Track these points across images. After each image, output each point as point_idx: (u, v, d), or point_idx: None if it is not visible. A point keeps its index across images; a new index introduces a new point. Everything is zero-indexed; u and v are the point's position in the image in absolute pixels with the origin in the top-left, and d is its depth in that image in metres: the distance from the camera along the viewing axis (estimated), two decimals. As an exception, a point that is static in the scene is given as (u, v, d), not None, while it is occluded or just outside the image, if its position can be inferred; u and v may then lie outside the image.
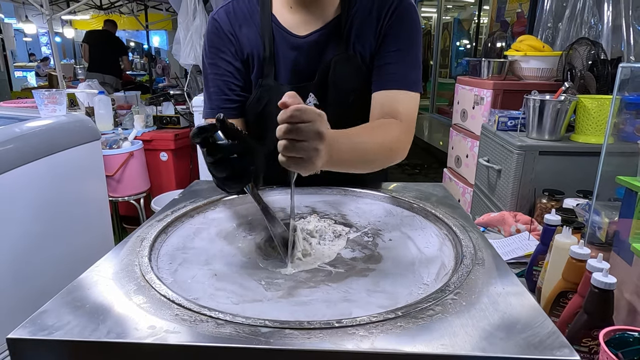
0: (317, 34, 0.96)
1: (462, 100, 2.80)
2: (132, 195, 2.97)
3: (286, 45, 0.97)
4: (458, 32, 7.21)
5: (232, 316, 0.53)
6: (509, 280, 0.63)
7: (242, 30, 0.98)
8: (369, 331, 0.51)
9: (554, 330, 0.50)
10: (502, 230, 1.40)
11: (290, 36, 0.97)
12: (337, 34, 0.96)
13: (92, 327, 0.51)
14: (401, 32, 0.95)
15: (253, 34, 0.98)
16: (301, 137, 0.63)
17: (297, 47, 0.97)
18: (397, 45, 0.95)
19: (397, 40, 0.95)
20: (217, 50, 0.99)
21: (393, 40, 0.95)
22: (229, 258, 0.73)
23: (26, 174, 1.43)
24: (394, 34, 0.95)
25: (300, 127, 0.63)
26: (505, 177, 1.85)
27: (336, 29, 0.97)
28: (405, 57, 0.95)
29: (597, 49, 1.98)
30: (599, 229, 0.97)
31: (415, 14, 0.97)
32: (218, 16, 1.00)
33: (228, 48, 0.98)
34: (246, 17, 0.99)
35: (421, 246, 0.77)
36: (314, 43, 0.97)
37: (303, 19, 0.97)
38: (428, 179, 4.98)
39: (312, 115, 0.64)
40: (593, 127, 1.73)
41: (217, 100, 1.00)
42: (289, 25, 0.97)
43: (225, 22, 0.99)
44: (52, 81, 6.07)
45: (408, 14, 0.96)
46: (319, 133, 0.64)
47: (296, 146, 0.64)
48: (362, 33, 0.97)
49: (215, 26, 0.99)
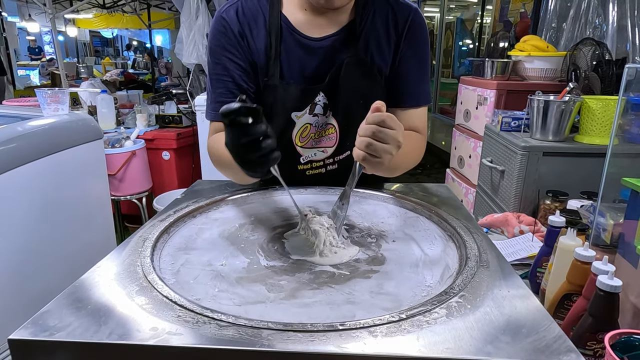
0: (332, 38, 0.96)
1: (465, 100, 2.79)
2: (134, 194, 2.97)
3: (296, 46, 0.96)
4: (461, 32, 7.19)
5: (234, 318, 0.53)
6: (514, 282, 0.62)
7: (251, 30, 0.97)
8: (373, 334, 0.50)
9: (560, 335, 0.50)
10: (505, 232, 1.39)
11: (302, 37, 0.96)
12: (351, 38, 0.96)
13: (94, 328, 0.51)
14: (418, 47, 1.00)
15: (261, 33, 0.96)
16: (386, 140, 0.72)
17: (309, 49, 0.96)
18: (414, 64, 1.00)
19: (414, 57, 1.00)
20: (224, 51, 0.96)
21: (410, 57, 0.99)
22: (232, 259, 0.73)
23: (28, 173, 1.43)
24: (411, 50, 0.99)
25: (388, 132, 0.71)
26: (509, 177, 1.84)
27: (350, 33, 0.96)
28: (420, 73, 1.01)
29: (602, 49, 1.97)
30: (603, 230, 0.96)
31: (425, 28, 1.01)
32: (227, 15, 0.97)
33: (237, 49, 0.96)
34: (255, 16, 0.97)
35: (425, 248, 0.77)
36: (328, 47, 0.96)
37: (317, 21, 0.96)
38: (430, 180, 4.97)
39: (397, 125, 0.73)
40: (597, 128, 1.72)
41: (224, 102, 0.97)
42: (300, 27, 0.96)
43: (235, 22, 0.96)
44: (55, 80, 6.08)
45: (422, 27, 1.00)
46: (399, 142, 0.73)
47: (378, 147, 0.72)
48: (376, 39, 0.97)
49: (224, 25, 0.96)
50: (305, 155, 1.05)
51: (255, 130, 0.65)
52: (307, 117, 1.00)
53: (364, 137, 0.72)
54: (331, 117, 1.01)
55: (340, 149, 1.04)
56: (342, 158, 1.06)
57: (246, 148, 0.67)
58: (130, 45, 14.15)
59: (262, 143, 0.66)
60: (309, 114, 1.00)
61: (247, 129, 0.65)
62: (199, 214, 0.90)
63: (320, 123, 1.01)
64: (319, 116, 1.01)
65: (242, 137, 0.66)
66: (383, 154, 0.72)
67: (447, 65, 7.31)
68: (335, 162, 1.06)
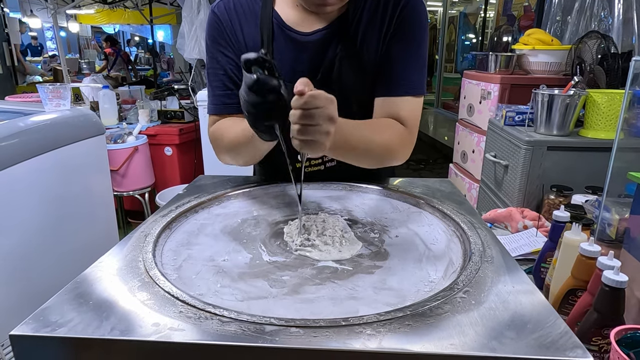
0: (322, 32, 0.94)
1: (468, 94, 2.77)
2: (136, 189, 2.97)
3: (288, 42, 0.95)
4: (464, 26, 7.14)
5: (237, 314, 0.52)
6: (519, 278, 0.61)
7: (242, 26, 0.96)
8: (377, 330, 0.50)
9: (566, 330, 0.49)
10: (509, 227, 1.38)
11: (294, 33, 0.95)
12: (342, 31, 0.94)
13: (96, 324, 0.51)
14: (408, 33, 0.93)
15: (253, 30, 0.96)
16: (314, 121, 0.68)
17: (300, 45, 0.95)
18: (403, 48, 0.93)
19: (403, 42, 0.93)
20: (217, 45, 0.97)
21: (399, 42, 0.93)
22: (234, 254, 0.72)
23: (31, 169, 1.43)
24: (400, 36, 0.93)
25: (313, 112, 0.68)
26: (513, 172, 1.83)
27: (341, 26, 0.94)
28: (411, 59, 0.94)
29: (608, 42, 1.95)
30: (609, 225, 0.96)
31: (423, 12, 0.95)
32: (217, 9, 0.97)
33: (228, 43, 0.96)
34: (246, 12, 0.96)
35: (428, 243, 0.76)
36: (319, 41, 0.94)
37: (307, 16, 0.95)
38: (433, 175, 4.96)
39: (324, 101, 0.69)
40: (602, 122, 1.70)
41: (220, 96, 0.98)
42: (292, 23, 0.95)
43: (225, 17, 0.96)
44: (57, 75, 6.08)
45: (416, 13, 0.93)
46: (330, 117, 0.69)
47: (309, 130, 0.68)
48: (369, 31, 0.94)
49: (215, 20, 0.97)
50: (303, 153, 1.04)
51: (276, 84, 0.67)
52: None
53: (293, 124, 0.70)
54: None
55: None
56: None
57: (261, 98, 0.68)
58: (131, 40, 14.13)
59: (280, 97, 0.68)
60: None
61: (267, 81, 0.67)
62: (201, 209, 0.89)
63: None
64: None
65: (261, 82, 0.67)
66: (316, 135, 0.69)
67: (450, 59, 7.27)
68: (334, 159, 1.05)
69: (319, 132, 0.69)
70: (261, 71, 0.67)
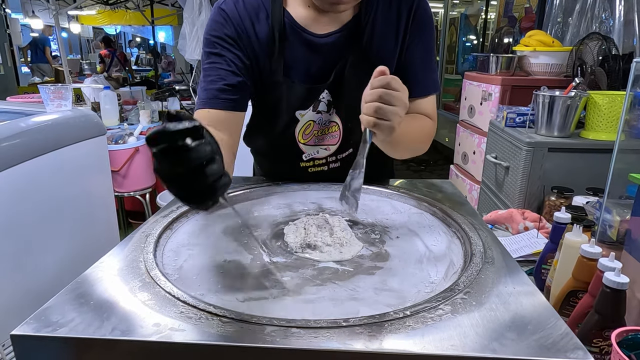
0: (336, 35, 0.94)
1: (469, 96, 2.78)
2: (137, 190, 2.97)
3: (300, 43, 0.94)
4: (465, 28, 7.14)
5: (237, 314, 0.52)
6: (520, 279, 0.61)
7: (253, 24, 0.94)
8: (377, 331, 0.50)
9: (567, 332, 0.49)
10: (509, 228, 1.38)
11: (307, 34, 0.94)
12: (355, 34, 0.94)
13: (97, 324, 0.51)
14: (424, 36, 0.97)
15: (264, 28, 0.94)
16: (393, 102, 0.71)
17: (314, 46, 0.94)
18: (420, 49, 0.98)
19: (420, 44, 0.97)
20: (222, 41, 0.93)
21: (416, 45, 0.97)
22: (235, 255, 0.72)
23: (32, 169, 1.43)
24: (417, 38, 0.97)
25: (394, 93, 0.71)
26: (514, 174, 1.83)
27: (354, 29, 0.94)
28: (428, 60, 0.99)
29: (609, 44, 1.95)
30: (610, 227, 0.95)
31: (430, 14, 0.99)
32: (226, 6, 0.94)
33: (235, 41, 0.93)
34: (256, 10, 0.94)
35: (429, 244, 0.76)
36: (333, 44, 0.94)
37: (321, 18, 0.94)
38: (434, 176, 4.96)
39: (403, 87, 0.72)
40: (604, 124, 1.70)
41: (214, 90, 0.91)
42: (304, 23, 0.94)
43: (234, 14, 0.93)
44: (59, 76, 6.09)
45: (427, 16, 0.97)
46: (405, 103, 0.73)
47: (386, 110, 0.71)
48: (382, 33, 0.95)
49: (223, 16, 0.93)
50: (308, 153, 1.04)
51: (197, 155, 0.49)
52: (311, 114, 0.99)
53: (371, 102, 0.71)
54: (334, 114, 1.00)
55: (343, 147, 1.03)
56: (344, 156, 1.05)
57: (187, 179, 0.50)
58: (132, 41, 14.16)
59: (208, 169, 0.50)
60: (312, 111, 0.99)
61: (186, 154, 0.48)
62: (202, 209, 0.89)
63: (324, 120, 1.00)
64: (322, 113, 0.99)
65: (179, 166, 0.49)
66: (392, 116, 0.71)
67: (451, 61, 7.26)
68: (338, 160, 1.05)
69: (394, 114, 0.71)
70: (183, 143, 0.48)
